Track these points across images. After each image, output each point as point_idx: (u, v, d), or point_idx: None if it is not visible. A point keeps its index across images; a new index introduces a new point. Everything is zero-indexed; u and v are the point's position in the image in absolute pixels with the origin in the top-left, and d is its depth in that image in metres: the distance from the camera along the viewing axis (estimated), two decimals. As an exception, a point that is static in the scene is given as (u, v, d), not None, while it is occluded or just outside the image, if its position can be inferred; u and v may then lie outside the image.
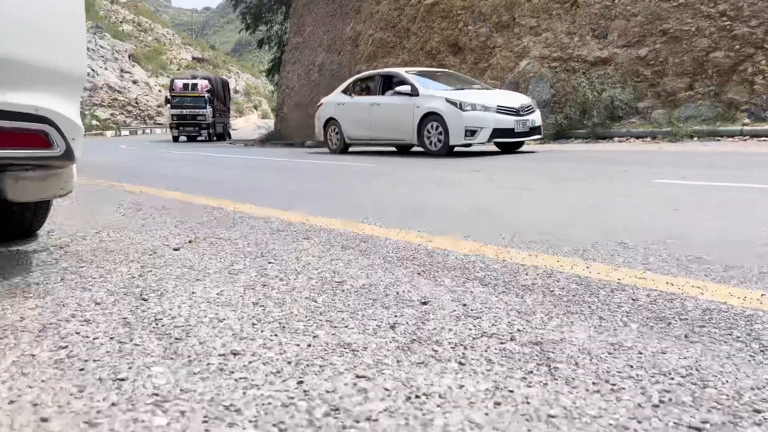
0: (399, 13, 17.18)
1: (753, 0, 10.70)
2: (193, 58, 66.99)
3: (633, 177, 5.38)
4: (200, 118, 28.61)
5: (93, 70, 47.44)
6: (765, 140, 8.98)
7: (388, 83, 10.49)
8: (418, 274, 2.27)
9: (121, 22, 62.72)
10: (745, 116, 10.31)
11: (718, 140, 9.58)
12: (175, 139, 28.41)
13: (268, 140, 21.57)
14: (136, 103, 50.25)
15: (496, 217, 3.63)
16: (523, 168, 6.95)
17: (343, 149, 11.29)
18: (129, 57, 53.67)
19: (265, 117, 62.24)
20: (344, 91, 11.46)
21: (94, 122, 44.15)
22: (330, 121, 11.47)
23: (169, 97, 29.77)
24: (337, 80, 19.74)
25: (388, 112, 10.02)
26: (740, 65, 10.69)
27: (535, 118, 9.31)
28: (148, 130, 46.73)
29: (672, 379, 1.32)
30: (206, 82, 29.98)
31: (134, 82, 51.76)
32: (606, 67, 12.41)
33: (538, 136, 9.57)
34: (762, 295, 1.89)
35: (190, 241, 2.94)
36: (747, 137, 9.39)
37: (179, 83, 29.83)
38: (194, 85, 29.30)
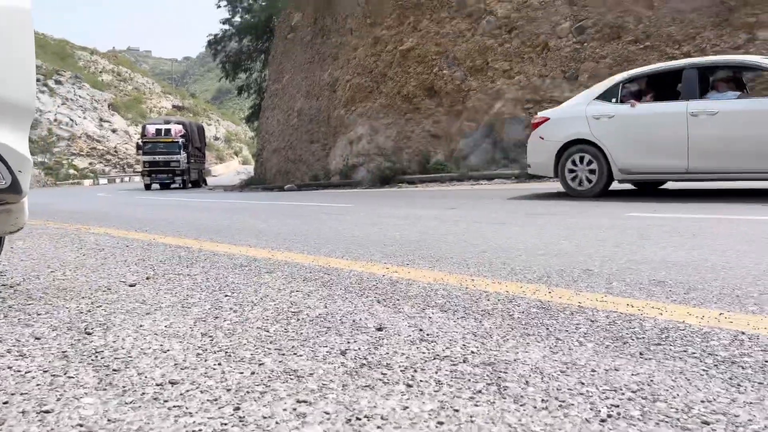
0: (375, 59, 17.48)
1: (715, 41, 11.08)
2: (174, 107, 67.32)
3: None
4: (174, 164, 26.75)
5: (71, 120, 47.43)
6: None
7: (705, 80, 6.42)
8: (378, 302, 2.22)
9: (100, 72, 63.13)
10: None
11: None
12: (147, 187, 26.41)
13: (248, 185, 21.56)
14: (115, 151, 50.14)
15: None
16: None
17: (604, 188, 6.91)
18: (108, 106, 53.80)
19: (246, 163, 62.34)
20: (602, 97, 7.04)
21: (72, 171, 43.87)
22: (573, 146, 7.10)
23: (140, 143, 28.00)
24: (316, 124, 19.94)
25: (743, 125, 5.88)
26: (706, 103, 10.98)
27: None
28: (126, 178, 46.46)
29: (623, 394, 1.27)
30: (180, 126, 28.21)
31: (113, 130, 51.76)
32: (577, 107, 12.67)
33: None
34: (720, 314, 1.86)
35: (147, 278, 2.86)
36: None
37: (151, 129, 27.94)
38: (167, 131, 27.54)
